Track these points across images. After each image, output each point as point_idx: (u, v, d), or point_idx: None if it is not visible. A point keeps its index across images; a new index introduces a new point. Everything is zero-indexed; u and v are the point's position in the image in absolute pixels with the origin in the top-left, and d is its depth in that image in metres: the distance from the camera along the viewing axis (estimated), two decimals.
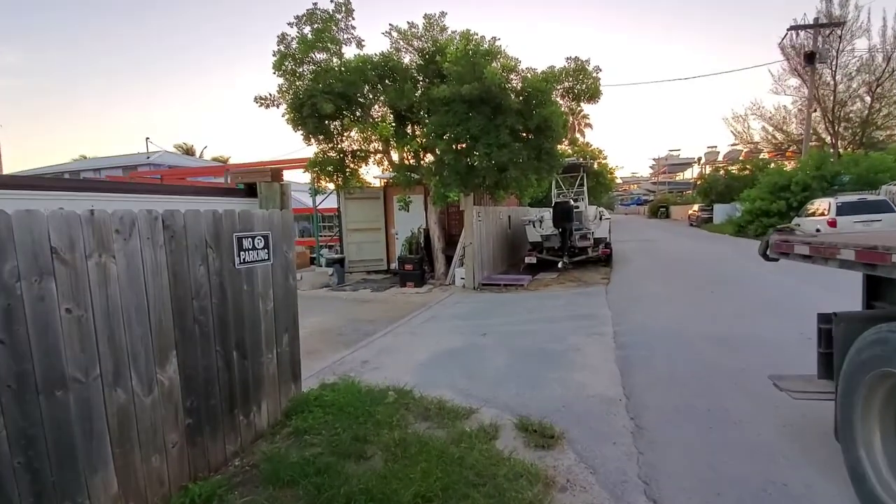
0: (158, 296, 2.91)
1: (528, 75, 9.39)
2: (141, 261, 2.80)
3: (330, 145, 11.18)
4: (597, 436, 3.52)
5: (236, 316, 3.52)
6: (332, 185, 12.07)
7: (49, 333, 2.34)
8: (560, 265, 12.15)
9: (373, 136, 11.15)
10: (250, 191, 4.21)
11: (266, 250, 3.78)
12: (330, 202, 14.56)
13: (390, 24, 10.62)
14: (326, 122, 10.38)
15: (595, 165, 30.80)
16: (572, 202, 13.02)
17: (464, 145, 9.81)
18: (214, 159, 42.34)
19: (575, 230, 12.70)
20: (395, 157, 11.76)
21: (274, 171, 3.97)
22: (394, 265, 12.82)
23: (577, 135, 46.85)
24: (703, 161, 66.85)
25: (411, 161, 11.40)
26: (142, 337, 2.80)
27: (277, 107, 9.98)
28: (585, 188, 15.36)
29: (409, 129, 11.12)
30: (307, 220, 18.75)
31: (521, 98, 9.33)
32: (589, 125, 54.97)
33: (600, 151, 38.83)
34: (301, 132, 10.40)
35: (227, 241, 3.43)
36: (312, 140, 10.98)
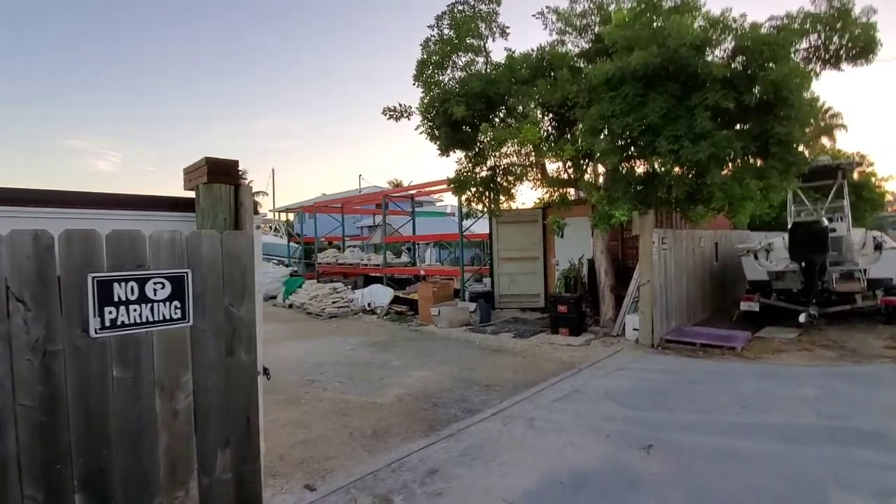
0: None
1: (745, 27, 6.13)
2: None
3: (477, 160, 9.54)
4: None
5: (89, 425, 1.91)
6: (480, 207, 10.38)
7: None
8: (803, 318, 7.95)
9: (524, 148, 9.12)
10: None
11: (177, 303, 2.11)
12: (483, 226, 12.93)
13: (546, 7, 8.54)
14: (466, 129, 8.77)
15: (855, 174, 22.49)
16: (826, 222, 8.62)
17: (637, 143, 6.99)
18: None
19: (830, 265, 8.31)
20: (552, 169, 9.51)
21: (218, 166, 2.31)
22: None
23: (825, 140, 36.31)
24: None
25: (570, 173, 8.98)
26: None
27: (409, 118, 8.80)
28: (846, 203, 10.38)
29: (569, 134, 8.76)
30: (477, 246, 17.46)
31: (731, 63, 6.15)
32: (842, 126, 42.43)
33: (863, 157, 28.87)
34: (437, 145, 9.01)
35: (73, 287, 1.86)
36: (456, 154, 9.55)
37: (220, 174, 2.35)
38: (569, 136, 8.50)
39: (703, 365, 6.37)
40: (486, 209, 10.25)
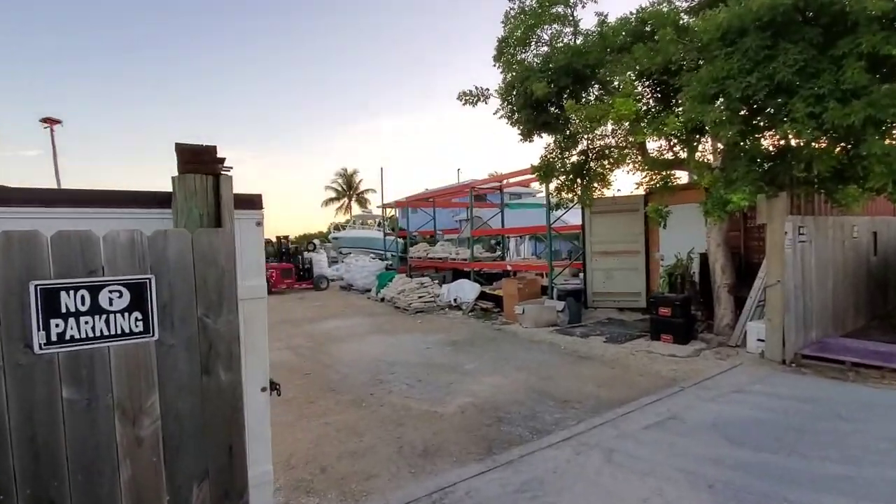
0: None
1: None
2: None
3: (566, 144, 8.63)
4: None
5: (36, 453, 1.68)
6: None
7: None
8: None
9: (619, 126, 8.03)
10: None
11: (138, 314, 1.82)
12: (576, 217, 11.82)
13: None
14: (552, 109, 7.92)
15: None
16: None
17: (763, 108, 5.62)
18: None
19: None
20: (653, 148, 8.28)
21: (191, 153, 1.98)
22: None
23: None
24: None
25: (675, 151, 7.70)
26: None
27: (486, 102, 8.14)
28: None
29: (674, 105, 7.47)
30: (576, 239, 16.24)
31: None
32: None
33: None
34: (519, 130, 8.27)
35: (13, 296, 1.63)
36: (543, 139, 8.75)
37: (194, 162, 2.01)
38: (678, 107, 7.23)
39: (854, 392, 4.93)
40: (576, 198, 9.29)
